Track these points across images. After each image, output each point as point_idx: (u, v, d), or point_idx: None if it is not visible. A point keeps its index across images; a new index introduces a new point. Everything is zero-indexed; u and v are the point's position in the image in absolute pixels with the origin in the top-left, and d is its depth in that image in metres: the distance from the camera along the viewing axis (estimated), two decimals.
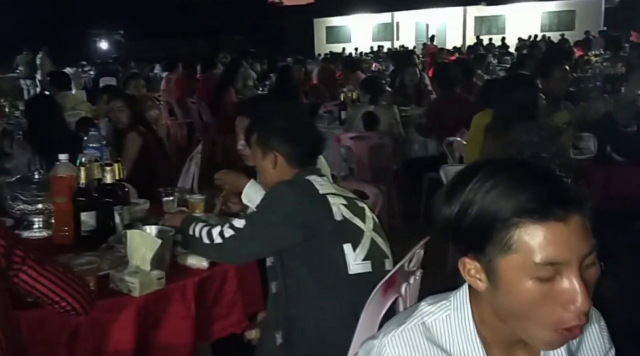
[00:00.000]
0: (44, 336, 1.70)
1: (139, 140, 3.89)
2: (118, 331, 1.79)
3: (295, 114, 2.19)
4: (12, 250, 1.41)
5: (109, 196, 2.39)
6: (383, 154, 4.76)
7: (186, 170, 4.14)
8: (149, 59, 17.51)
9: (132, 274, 1.89)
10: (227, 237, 1.85)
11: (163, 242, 2.00)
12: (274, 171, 2.01)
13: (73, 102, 6.23)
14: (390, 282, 1.74)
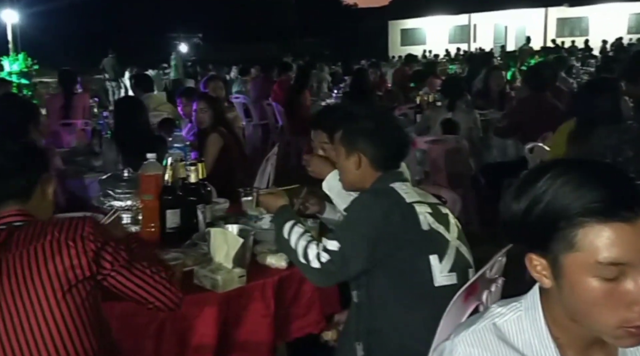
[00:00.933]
0: (133, 327, 1.79)
1: (220, 141, 3.99)
2: (202, 326, 1.85)
3: (384, 116, 2.16)
4: (101, 254, 1.44)
5: (193, 194, 2.47)
6: (460, 158, 4.66)
7: (262, 171, 4.23)
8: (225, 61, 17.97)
9: (215, 271, 1.95)
10: (324, 262, 1.77)
11: (244, 241, 2.06)
12: (356, 171, 1.97)
13: (155, 103, 6.49)
14: (471, 289, 1.70)
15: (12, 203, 1.52)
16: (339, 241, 1.77)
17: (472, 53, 20.54)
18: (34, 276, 1.37)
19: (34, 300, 1.36)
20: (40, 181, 1.58)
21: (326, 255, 1.76)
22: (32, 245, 1.39)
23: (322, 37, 35.06)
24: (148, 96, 6.43)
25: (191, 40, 27.05)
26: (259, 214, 2.66)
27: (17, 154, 1.56)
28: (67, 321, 1.39)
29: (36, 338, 1.37)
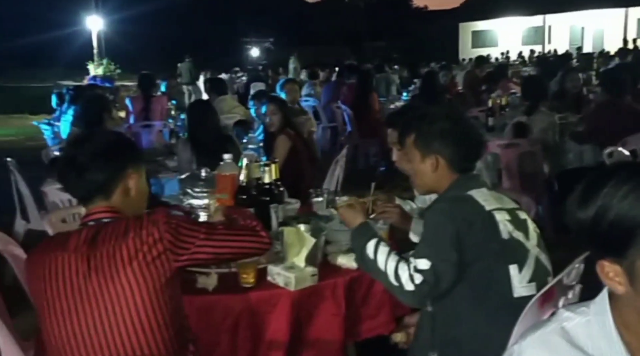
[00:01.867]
0: (210, 322, 1.86)
1: (288, 143, 4.06)
2: (275, 322, 1.90)
3: (458, 115, 2.10)
4: (179, 239, 1.51)
5: (266, 194, 2.54)
6: (533, 162, 4.53)
7: (331, 172, 4.27)
8: None
9: (288, 269, 2.00)
10: (418, 284, 1.70)
11: (317, 241, 2.10)
12: (433, 174, 1.92)
13: (229, 106, 6.71)
14: (548, 295, 1.66)
15: (98, 200, 1.59)
16: (429, 259, 1.71)
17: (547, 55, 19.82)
18: (120, 273, 1.46)
19: (121, 296, 1.45)
20: (121, 178, 1.60)
21: (419, 276, 1.70)
22: (117, 243, 1.47)
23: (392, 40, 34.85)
24: (222, 99, 6.65)
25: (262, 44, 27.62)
26: (330, 215, 2.70)
27: (98, 153, 1.59)
28: (149, 313, 1.47)
29: (121, 332, 1.46)
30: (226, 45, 27.12)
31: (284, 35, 30.54)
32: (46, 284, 1.49)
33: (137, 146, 1.84)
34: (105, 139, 1.67)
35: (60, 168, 1.62)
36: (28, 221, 4.16)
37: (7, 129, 13.51)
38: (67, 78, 16.33)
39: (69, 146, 1.71)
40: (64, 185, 1.65)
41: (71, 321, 1.47)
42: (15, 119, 15.54)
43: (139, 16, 21.95)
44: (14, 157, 4.28)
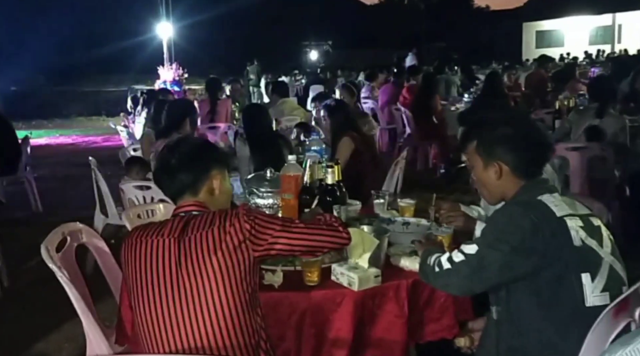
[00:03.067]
0: (276, 317, 1.91)
1: (351, 145, 4.09)
2: (338, 321, 1.93)
3: (520, 118, 2.04)
4: (258, 230, 1.64)
5: (330, 195, 2.58)
6: (603, 166, 4.37)
7: (391, 174, 4.28)
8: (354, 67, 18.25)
9: (352, 269, 2.03)
10: (456, 262, 1.71)
11: (380, 242, 2.12)
12: (497, 182, 1.86)
13: (290, 108, 6.82)
14: (622, 305, 1.60)
15: (186, 196, 1.79)
16: (478, 245, 1.71)
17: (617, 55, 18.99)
18: (205, 259, 1.60)
19: (207, 286, 1.58)
20: (207, 178, 1.80)
21: (460, 256, 1.71)
22: (204, 231, 1.62)
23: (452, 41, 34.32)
24: (283, 101, 6.77)
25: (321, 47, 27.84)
26: (392, 217, 2.72)
27: (186, 155, 1.80)
28: (230, 304, 1.59)
29: (205, 320, 1.57)
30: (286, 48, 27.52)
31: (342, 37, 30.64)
32: (142, 267, 1.63)
33: (221, 150, 1.99)
34: (192, 145, 1.87)
35: (155, 171, 1.87)
36: (106, 216, 4.42)
37: (87, 130, 14.25)
38: (139, 82, 17.09)
39: (163, 151, 1.87)
40: (158, 185, 1.86)
41: (161, 305, 1.60)
42: (94, 121, 16.42)
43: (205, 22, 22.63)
44: (94, 157, 4.54)
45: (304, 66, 24.07)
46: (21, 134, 6.59)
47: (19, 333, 3.50)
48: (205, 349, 1.57)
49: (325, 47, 28.68)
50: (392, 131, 8.85)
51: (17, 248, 4.65)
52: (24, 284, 4.28)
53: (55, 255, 2.04)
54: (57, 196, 6.90)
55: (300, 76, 17.31)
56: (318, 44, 28.19)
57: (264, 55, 16.65)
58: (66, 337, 3.41)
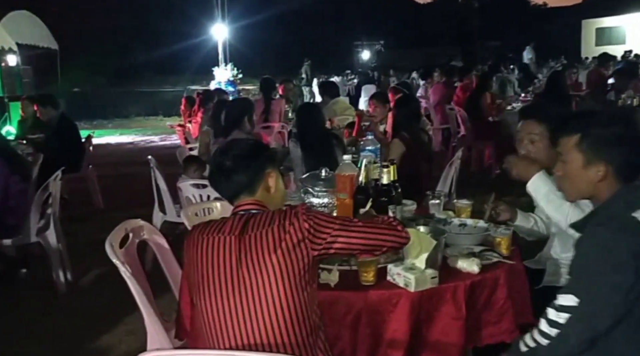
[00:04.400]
0: (332, 316, 1.91)
1: (402, 147, 4.06)
2: (395, 322, 1.92)
3: (628, 117, 1.85)
4: (317, 229, 1.65)
5: (385, 195, 2.57)
6: None
7: (445, 175, 4.22)
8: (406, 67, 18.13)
9: (408, 270, 2.00)
10: (562, 323, 1.54)
11: (437, 243, 2.09)
12: (595, 183, 1.73)
13: (342, 108, 6.84)
14: None
15: (243, 196, 1.82)
16: (576, 294, 1.53)
17: None
18: (265, 257, 1.62)
19: (266, 284, 1.61)
20: (262, 177, 1.83)
21: (563, 314, 1.54)
22: (264, 229, 1.65)
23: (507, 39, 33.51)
24: (335, 101, 6.79)
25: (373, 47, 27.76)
26: (448, 218, 2.68)
27: (240, 156, 1.83)
28: (290, 302, 1.61)
29: (264, 318, 1.59)
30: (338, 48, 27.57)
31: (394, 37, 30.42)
32: (203, 264, 1.66)
33: (273, 149, 2.01)
34: (245, 146, 1.89)
35: (211, 173, 1.89)
36: (164, 213, 4.54)
37: (145, 130, 14.72)
38: (195, 83, 17.52)
39: (216, 155, 1.91)
40: (214, 187, 1.89)
41: (222, 302, 1.63)
42: (152, 121, 16.93)
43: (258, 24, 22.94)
44: (152, 156, 4.68)
45: (356, 66, 24.03)
46: (84, 134, 6.84)
47: (82, 326, 3.64)
48: (264, 346, 1.59)
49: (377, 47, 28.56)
50: (445, 131, 8.73)
51: (80, 244, 4.84)
52: (86, 278, 4.45)
53: (119, 251, 2.11)
54: (117, 193, 7.15)
55: (352, 75, 17.31)
56: (370, 44, 28.11)
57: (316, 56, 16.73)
58: (127, 330, 3.52)
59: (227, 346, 1.61)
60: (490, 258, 2.21)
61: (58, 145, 5.94)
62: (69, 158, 5.54)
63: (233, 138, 3.28)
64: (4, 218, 3.95)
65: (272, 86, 7.36)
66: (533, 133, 2.48)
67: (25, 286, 4.33)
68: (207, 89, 9.43)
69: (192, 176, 4.36)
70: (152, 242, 2.40)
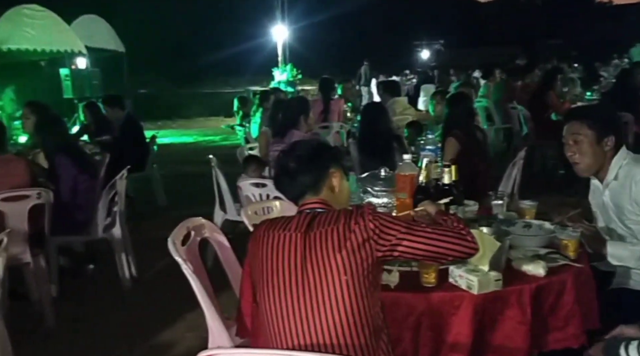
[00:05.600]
0: (393, 317, 1.88)
1: (457, 145, 3.98)
2: (457, 325, 1.87)
3: None
4: (382, 230, 1.64)
5: (446, 195, 2.51)
6: None
7: (508, 175, 4.12)
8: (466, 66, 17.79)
9: (471, 272, 1.96)
10: None
11: (502, 245, 2.03)
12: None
13: (401, 107, 6.77)
14: None
15: (308, 195, 1.83)
16: None
17: None
18: (330, 256, 1.62)
19: (330, 283, 1.60)
20: (326, 177, 1.84)
21: None
22: (329, 227, 1.65)
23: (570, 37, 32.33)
24: (394, 100, 6.73)
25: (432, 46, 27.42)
26: (512, 219, 2.60)
27: (304, 157, 1.84)
28: (353, 302, 1.59)
29: (327, 317, 1.59)
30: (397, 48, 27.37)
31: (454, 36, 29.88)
32: (268, 260, 1.68)
33: (336, 148, 2.01)
34: (308, 146, 1.92)
35: (275, 175, 1.91)
36: (225, 212, 4.63)
37: (206, 131, 15.10)
38: (255, 84, 17.82)
39: (280, 156, 1.93)
40: (279, 189, 1.91)
41: (285, 299, 1.63)
42: (212, 121, 17.36)
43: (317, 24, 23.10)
44: (213, 155, 4.79)
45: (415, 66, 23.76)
46: (148, 134, 7.06)
47: (145, 321, 3.75)
48: (326, 347, 1.58)
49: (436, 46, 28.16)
50: (506, 130, 8.50)
51: (144, 241, 4.99)
52: (150, 274, 4.59)
53: (181, 248, 2.13)
54: (180, 192, 7.34)
55: (411, 75, 17.14)
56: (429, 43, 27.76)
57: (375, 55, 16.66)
58: (188, 327, 3.60)
59: (289, 345, 1.61)
60: (557, 261, 2.13)
61: (124, 145, 6.16)
62: (134, 157, 5.73)
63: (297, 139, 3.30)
64: (73, 215, 4.11)
65: (330, 86, 7.36)
66: (577, 133, 2.46)
67: (93, 281, 4.50)
68: (264, 89, 9.54)
69: (252, 175, 4.43)
70: (213, 240, 2.44)
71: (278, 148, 4.47)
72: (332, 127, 6.62)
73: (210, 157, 4.71)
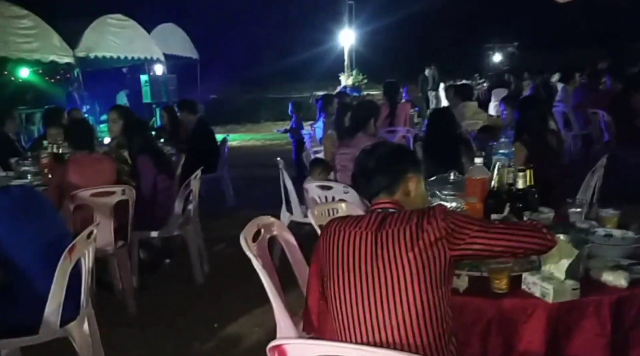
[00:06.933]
0: (461, 322, 1.84)
1: (524, 150, 3.85)
2: (529, 333, 1.81)
3: None
4: (455, 230, 1.63)
5: (520, 200, 2.44)
6: None
7: (587, 183, 3.96)
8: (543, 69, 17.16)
9: (546, 279, 1.89)
10: None
11: (579, 252, 1.95)
12: None
13: (471, 112, 6.63)
14: None
15: (382, 195, 1.84)
16: None
17: None
18: (402, 254, 1.61)
19: (402, 281, 1.59)
20: (402, 180, 1.84)
21: None
22: (401, 226, 1.65)
23: None
24: (465, 104, 6.60)
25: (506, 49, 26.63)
26: (591, 227, 2.48)
27: (383, 158, 1.86)
28: (424, 301, 1.58)
29: (397, 314, 1.58)
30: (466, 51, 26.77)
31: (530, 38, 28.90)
32: (338, 256, 1.69)
33: (416, 153, 2.01)
34: (388, 149, 1.93)
35: (353, 174, 1.94)
36: (291, 213, 4.69)
37: (273, 134, 15.36)
38: (320, 89, 17.95)
39: (360, 155, 1.95)
40: (355, 187, 1.94)
41: (355, 296, 1.64)
42: (279, 125, 17.60)
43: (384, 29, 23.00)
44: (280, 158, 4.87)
45: (486, 69, 23.16)
46: (219, 137, 7.26)
47: (216, 314, 3.86)
48: (395, 344, 1.57)
49: (510, 49, 27.32)
50: (586, 136, 8.13)
51: (215, 239, 5.15)
52: (220, 271, 4.71)
53: (252, 244, 2.19)
54: (248, 193, 7.50)
55: (480, 79, 16.74)
56: (502, 46, 26.95)
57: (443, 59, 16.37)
58: (256, 323, 3.68)
59: (357, 341, 1.61)
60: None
61: (197, 147, 6.37)
62: (206, 159, 5.91)
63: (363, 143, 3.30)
64: (153, 211, 4.31)
65: (396, 90, 7.28)
66: None
67: (168, 274, 4.68)
68: (328, 94, 9.58)
69: (317, 178, 4.46)
70: (281, 238, 2.48)
71: (345, 151, 4.51)
72: (398, 131, 6.56)
73: (277, 160, 4.79)
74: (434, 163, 3.90)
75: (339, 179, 4.50)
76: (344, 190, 3.99)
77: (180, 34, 14.33)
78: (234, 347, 3.45)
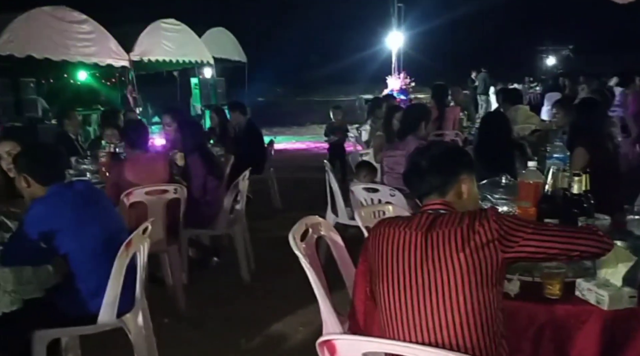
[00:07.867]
0: (512, 326, 1.79)
1: (585, 155, 3.74)
2: (583, 340, 1.77)
3: None
4: (507, 232, 1.60)
5: (575, 205, 2.37)
6: None
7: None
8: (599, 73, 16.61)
9: (602, 286, 1.84)
10: None
11: (638, 259, 1.88)
12: None
13: (523, 116, 6.48)
14: None
15: (433, 196, 1.82)
16: None
17: None
18: (453, 255, 1.60)
19: (452, 281, 1.58)
20: (455, 182, 1.81)
21: None
22: (452, 228, 1.63)
23: None
24: (516, 108, 6.47)
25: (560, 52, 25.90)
26: None
27: (436, 158, 1.84)
28: (474, 302, 1.57)
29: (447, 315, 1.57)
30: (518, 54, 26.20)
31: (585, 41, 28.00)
32: (388, 255, 1.69)
33: (470, 155, 1.99)
34: (443, 149, 1.92)
35: (405, 172, 1.92)
36: (337, 215, 4.70)
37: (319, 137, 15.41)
38: (368, 92, 17.92)
39: (414, 154, 1.94)
40: (407, 185, 1.94)
41: (404, 295, 1.63)
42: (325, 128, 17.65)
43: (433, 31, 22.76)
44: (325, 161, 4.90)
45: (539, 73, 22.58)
46: (266, 140, 7.35)
47: (262, 313, 3.92)
48: (444, 344, 1.56)
49: (564, 52, 26.54)
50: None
51: (260, 238, 5.21)
52: (266, 270, 4.78)
53: (300, 243, 2.21)
54: (293, 194, 7.55)
55: (533, 83, 16.33)
56: (556, 49, 26.22)
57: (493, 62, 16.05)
58: (301, 322, 3.71)
59: (406, 341, 1.61)
60: None
61: (245, 148, 6.47)
62: (254, 160, 5.98)
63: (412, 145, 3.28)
64: (202, 210, 4.41)
65: (445, 93, 7.20)
66: None
67: (216, 272, 4.76)
68: (376, 97, 9.54)
69: (363, 180, 4.46)
70: (328, 238, 2.49)
71: (392, 154, 4.50)
72: (447, 135, 6.48)
73: (324, 162, 4.82)
74: (485, 167, 3.84)
75: (386, 182, 4.49)
76: (390, 193, 3.97)
77: (230, 38, 14.58)
78: (280, 345, 3.50)
